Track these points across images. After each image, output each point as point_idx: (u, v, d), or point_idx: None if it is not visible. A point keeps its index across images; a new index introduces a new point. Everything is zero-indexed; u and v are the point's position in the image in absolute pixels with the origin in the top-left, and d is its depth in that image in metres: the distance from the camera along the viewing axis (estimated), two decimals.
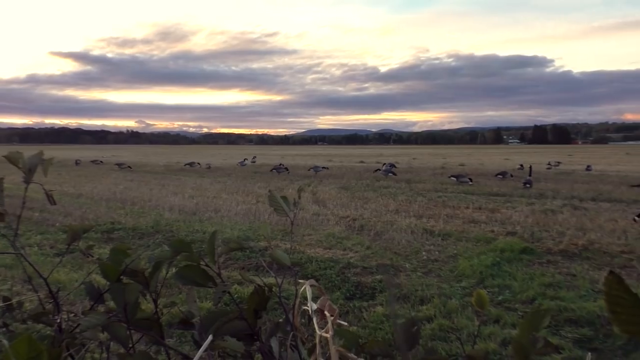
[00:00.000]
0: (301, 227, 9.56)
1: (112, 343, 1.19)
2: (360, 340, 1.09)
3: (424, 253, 7.66)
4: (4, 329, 1.37)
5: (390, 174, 22.48)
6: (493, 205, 12.77)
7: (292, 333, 1.01)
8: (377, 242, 8.43)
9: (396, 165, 29.32)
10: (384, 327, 4.72)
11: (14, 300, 1.47)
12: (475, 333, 4.47)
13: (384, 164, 28.83)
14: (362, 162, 39.61)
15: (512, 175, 21.11)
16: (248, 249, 7.28)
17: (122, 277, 1.14)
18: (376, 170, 24.70)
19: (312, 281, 0.88)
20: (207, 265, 1.23)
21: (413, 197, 14.75)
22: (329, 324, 0.75)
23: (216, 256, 1.26)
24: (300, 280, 1.00)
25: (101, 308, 1.16)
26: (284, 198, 1.48)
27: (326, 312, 0.78)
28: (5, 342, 0.77)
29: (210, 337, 0.95)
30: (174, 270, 1.22)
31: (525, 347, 0.73)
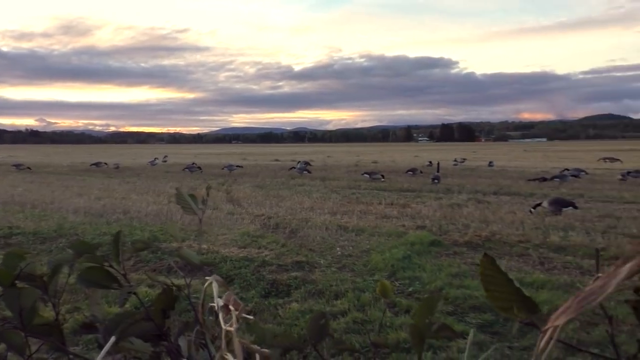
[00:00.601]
0: (215, 226, 9.42)
1: (9, 353, 1.13)
2: (271, 334, 1.11)
3: (338, 249, 7.80)
4: None
5: (305, 172, 22.68)
6: (404, 201, 13.25)
7: (195, 329, 1.00)
8: (292, 239, 8.47)
9: (311, 163, 29.63)
10: (300, 323, 4.77)
11: None
12: (384, 323, 4.64)
13: (299, 162, 29.03)
14: (277, 160, 39.66)
15: (421, 172, 22.01)
16: (159, 251, 7.07)
17: (17, 281, 1.08)
18: (291, 169, 24.83)
19: (217, 276, 0.88)
20: (111, 266, 1.19)
21: (327, 194, 14.98)
22: (233, 318, 0.76)
23: (121, 257, 1.22)
24: (207, 278, 1.00)
25: None
26: (192, 196, 1.46)
27: (230, 307, 0.78)
28: None
29: (112, 339, 0.92)
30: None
31: (421, 330, 0.78)
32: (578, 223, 9.62)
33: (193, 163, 28.30)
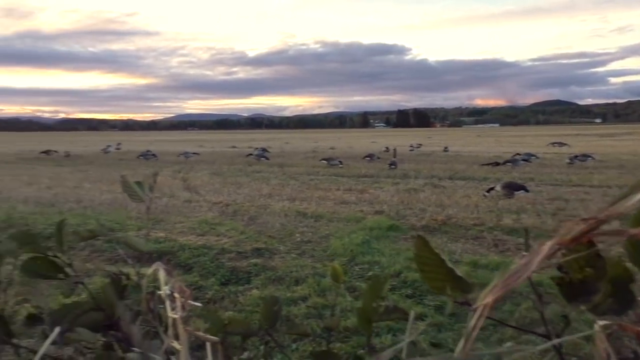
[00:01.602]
0: (172, 214, 9.27)
1: None
2: (224, 321, 1.09)
3: (297, 235, 7.81)
4: None
5: (262, 159, 22.55)
6: (362, 187, 13.36)
7: (142, 318, 0.98)
8: (251, 226, 8.43)
9: (268, 149, 29.47)
10: (261, 309, 4.75)
11: None
12: (344, 308, 4.68)
13: (256, 148, 28.84)
14: (234, 147, 39.28)
15: (378, 158, 22.23)
16: (114, 241, 6.90)
17: None
18: (248, 155, 24.65)
19: (160, 264, 0.86)
20: (55, 256, 1.15)
21: (286, 180, 14.95)
22: (178, 305, 0.74)
23: (65, 245, 1.18)
24: (145, 270, 0.97)
25: None
26: (138, 183, 1.41)
27: (176, 295, 0.76)
28: None
29: (56, 329, 0.89)
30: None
31: (368, 312, 0.78)
32: (529, 206, 9.93)
33: (148, 150, 27.71)
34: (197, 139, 65.61)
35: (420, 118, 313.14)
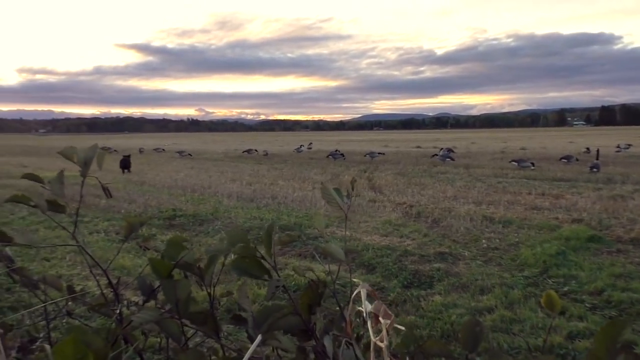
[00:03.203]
0: (357, 214, 9.51)
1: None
2: (418, 339, 1.04)
3: (483, 241, 7.45)
4: (66, 319, 1.41)
5: (447, 159, 22.03)
6: (557, 191, 12.27)
7: (340, 327, 0.97)
8: (434, 229, 8.27)
9: (454, 150, 28.70)
10: (443, 317, 4.62)
11: (77, 289, 1.50)
12: (535, 324, 4.31)
13: (441, 148, 28.28)
14: (418, 147, 39.05)
15: (577, 159, 20.22)
16: (305, 237, 7.32)
17: (176, 269, 1.14)
18: (433, 156, 24.26)
19: (366, 285, 0.83)
20: (263, 257, 1.21)
21: (472, 182, 14.40)
22: (384, 332, 0.71)
23: (273, 248, 1.23)
24: (354, 280, 0.96)
25: (154, 302, 1.16)
26: (337, 190, 1.43)
27: (381, 319, 0.73)
28: (47, 347, 0.78)
29: (259, 338, 0.93)
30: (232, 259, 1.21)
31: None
32: None
33: (336, 150, 28.90)
34: (382, 139, 66.66)
35: (629, 115, 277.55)
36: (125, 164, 18.53)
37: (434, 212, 9.62)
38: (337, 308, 1.17)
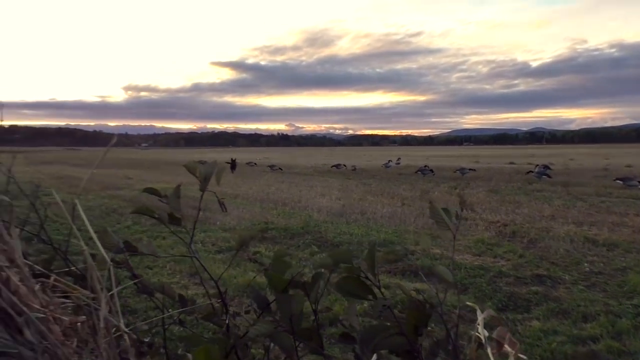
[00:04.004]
0: (447, 231, 9.27)
1: (271, 345, 1.23)
2: None
3: (585, 264, 7.00)
4: (179, 327, 1.50)
5: (544, 177, 20.98)
6: None
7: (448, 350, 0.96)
8: (530, 250, 7.89)
9: (550, 166, 27.28)
10: (542, 344, 4.38)
11: (188, 299, 1.58)
12: None
13: (537, 165, 26.97)
14: (511, 163, 37.49)
15: None
16: (407, 253, 7.24)
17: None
18: (528, 172, 23.18)
19: (490, 310, 0.81)
20: (366, 277, 1.22)
21: (571, 201, 13.60)
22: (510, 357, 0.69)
23: (376, 268, 1.24)
24: (468, 303, 0.94)
25: (268, 316, 1.20)
26: (446, 210, 1.42)
27: (506, 347, 0.71)
28: (189, 356, 0.83)
29: (374, 357, 0.93)
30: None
31: None
32: None
33: (425, 166, 28.42)
34: (473, 154, 64.76)
35: None
36: (233, 166, 20.70)
37: (530, 232, 9.18)
38: (445, 330, 1.16)
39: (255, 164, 38.88)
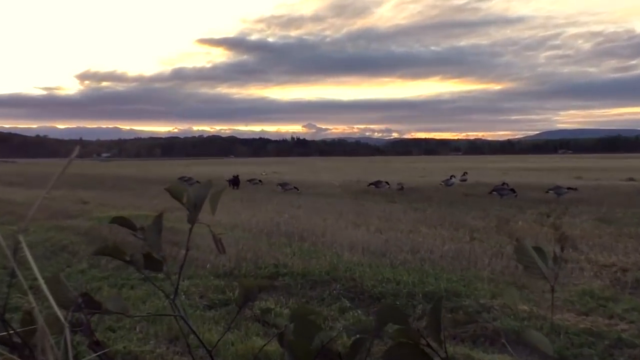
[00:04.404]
0: (542, 279, 9.17)
1: None
2: None
3: None
4: None
5: None
6: None
7: None
8: None
9: None
10: None
11: None
12: None
13: None
14: (631, 180, 37.03)
15: None
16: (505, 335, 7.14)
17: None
18: None
19: None
20: (428, 345, 1.21)
21: None
22: None
23: (442, 333, 1.23)
24: None
25: None
26: (539, 250, 1.41)
27: None
28: None
29: None
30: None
31: None
32: None
33: (503, 183, 28.24)
34: (573, 167, 64.19)
35: None
36: (235, 182, 32.87)
37: None
38: None
39: (260, 181, 38.97)
